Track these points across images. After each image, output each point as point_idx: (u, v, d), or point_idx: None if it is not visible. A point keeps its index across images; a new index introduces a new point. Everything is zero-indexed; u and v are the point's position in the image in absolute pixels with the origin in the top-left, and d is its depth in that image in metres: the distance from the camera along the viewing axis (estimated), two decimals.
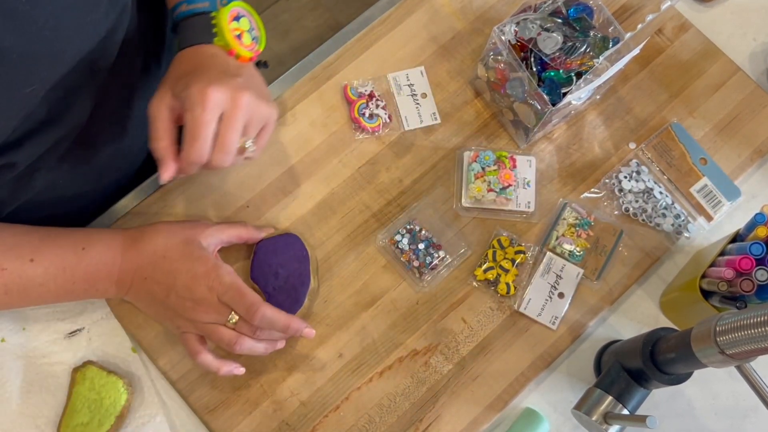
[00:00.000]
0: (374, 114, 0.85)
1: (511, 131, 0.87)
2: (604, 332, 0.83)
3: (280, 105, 0.86)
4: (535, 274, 0.81)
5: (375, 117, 0.85)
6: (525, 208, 0.84)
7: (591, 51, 0.79)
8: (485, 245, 0.83)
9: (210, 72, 0.66)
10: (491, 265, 0.81)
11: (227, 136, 0.64)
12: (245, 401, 0.77)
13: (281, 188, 0.84)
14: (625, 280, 0.83)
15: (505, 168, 0.83)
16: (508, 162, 0.84)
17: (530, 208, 0.84)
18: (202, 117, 0.63)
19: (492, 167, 0.83)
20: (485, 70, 0.84)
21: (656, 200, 0.86)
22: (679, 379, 0.67)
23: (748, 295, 0.72)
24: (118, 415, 0.75)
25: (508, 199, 0.83)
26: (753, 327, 0.56)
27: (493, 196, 0.82)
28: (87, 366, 0.76)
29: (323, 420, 0.77)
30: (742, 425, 0.82)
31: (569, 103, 0.79)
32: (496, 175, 0.83)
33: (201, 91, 0.62)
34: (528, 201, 0.84)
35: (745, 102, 0.91)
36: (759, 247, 0.72)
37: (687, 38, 0.93)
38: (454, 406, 0.78)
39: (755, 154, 0.89)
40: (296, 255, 0.79)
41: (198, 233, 0.74)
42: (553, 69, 0.79)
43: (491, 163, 0.83)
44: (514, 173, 0.83)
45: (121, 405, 0.75)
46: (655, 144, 0.88)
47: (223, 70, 0.67)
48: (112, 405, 0.75)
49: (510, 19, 0.79)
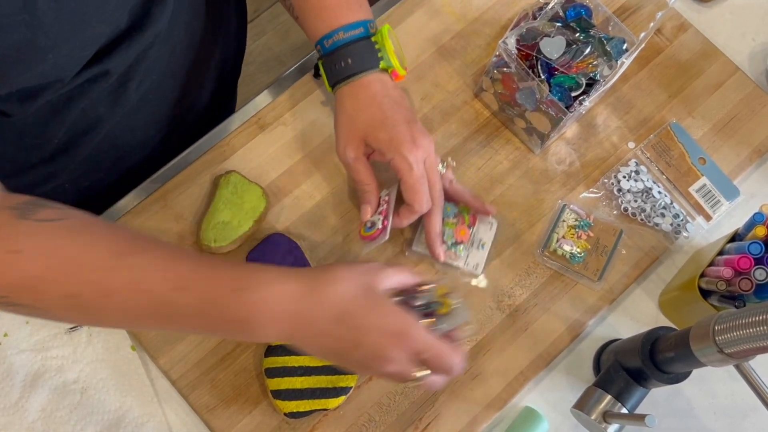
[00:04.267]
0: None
1: (523, 138, 0.87)
2: (603, 331, 0.83)
3: (280, 105, 0.87)
4: None
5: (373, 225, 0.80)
6: (472, 269, 0.81)
7: (595, 51, 0.79)
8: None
9: (398, 125, 0.73)
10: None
11: (436, 185, 0.75)
12: (245, 400, 0.77)
13: (281, 188, 0.84)
14: (624, 280, 0.83)
15: (463, 224, 0.81)
16: (468, 219, 0.82)
17: (477, 271, 0.81)
18: (416, 177, 0.73)
19: (451, 219, 0.81)
20: (491, 83, 0.84)
21: (655, 200, 0.86)
22: (678, 378, 0.68)
23: (747, 295, 0.73)
24: (257, 219, 0.79)
25: (457, 255, 0.81)
26: (751, 326, 0.56)
27: (443, 249, 0.80)
28: (231, 173, 0.81)
29: (323, 419, 0.77)
30: (742, 424, 0.82)
31: (586, 106, 0.79)
32: (452, 228, 0.81)
33: (407, 160, 0.72)
34: (477, 263, 0.81)
35: (744, 102, 0.91)
36: (757, 246, 0.72)
37: (686, 38, 0.93)
38: (453, 405, 0.78)
39: (754, 154, 0.89)
40: (286, 250, 0.79)
41: (377, 278, 0.64)
42: (561, 74, 0.79)
43: (451, 215, 0.81)
44: (470, 231, 0.82)
45: (260, 211, 0.79)
46: (654, 144, 0.88)
47: (404, 117, 0.74)
48: (252, 210, 0.80)
49: (511, 32, 0.80)
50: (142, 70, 0.74)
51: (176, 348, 0.78)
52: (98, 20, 0.62)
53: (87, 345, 0.78)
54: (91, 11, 0.61)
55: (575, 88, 0.79)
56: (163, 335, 0.78)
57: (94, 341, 0.78)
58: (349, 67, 0.75)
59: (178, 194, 0.83)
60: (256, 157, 0.85)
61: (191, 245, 0.81)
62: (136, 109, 0.79)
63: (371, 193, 0.77)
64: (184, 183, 0.83)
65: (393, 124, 0.73)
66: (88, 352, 0.77)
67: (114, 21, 0.65)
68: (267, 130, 0.86)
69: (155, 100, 0.82)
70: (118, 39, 0.68)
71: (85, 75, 0.67)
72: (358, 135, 0.75)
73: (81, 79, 0.67)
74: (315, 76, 0.80)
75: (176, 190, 0.83)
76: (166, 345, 0.78)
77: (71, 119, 0.73)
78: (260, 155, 0.85)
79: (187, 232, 0.81)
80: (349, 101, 0.76)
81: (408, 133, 0.73)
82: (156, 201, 0.82)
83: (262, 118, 0.86)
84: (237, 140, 0.85)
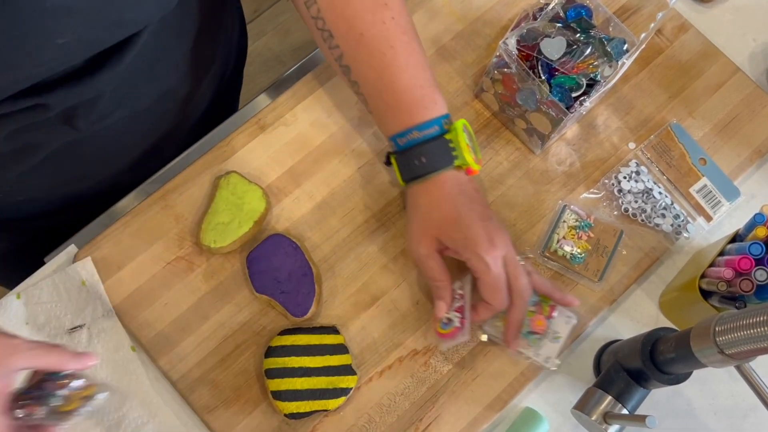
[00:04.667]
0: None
1: (524, 138, 0.87)
2: (604, 332, 0.83)
3: (280, 105, 0.87)
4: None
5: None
6: (542, 361, 0.78)
7: (595, 51, 0.79)
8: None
9: (473, 225, 0.73)
10: None
11: (520, 279, 0.73)
12: (245, 401, 0.77)
13: (281, 188, 0.84)
14: (625, 280, 0.83)
15: (542, 314, 0.79)
16: (547, 310, 0.79)
17: (547, 364, 0.78)
18: (494, 276, 0.72)
19: (530, 308, 0.78)
20: (491, 84, 0.84)
21: (655, 200, 0.86)
22: (679, 378, 0.68)
23: (748, 295, 0.73)
24: (257, 220, 0.79)
25: (529, 345, 0.78)
26: (752, 327, 0.56)
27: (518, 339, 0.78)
28: (231, 173, 0.81)
29: (323, 420, 0.77)
30: (742, 425, 0.82)
31: (587, 107, 0.79)
32: (530, 317, 0.78)
33: (483, 260, 0.71)
34: (548, 356, 0.78)
35: (745, 102, 0.91)
36: (758, 247, 0.72)
37: (686, 39, 0.93)
38: (453, 405, 0.78)
39: (755, 155, 0.89)
40: (287, 251, 0.79)
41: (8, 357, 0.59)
42: (561, 74, 0.79)
43: (530, 304, 0.78)
44: (547, 323, 0.79)
45: (260, 212, 0.79)
46: (654, 144, 0.88)
47: (479, 215, 0.73)
48: (252, 210, 0.80)
49: (512, 33, 0.79)
50: (94, 109, 0.71)
51: (176, 349, 0.78)
52: (33, 65, 0.60)
53: (87, 346, 0.78)
54: (21, 56, 0.58)
55: (576, 89, 0.79)
56: (164, 336, 0.78)
57: (94, 342, 0.78)
58: (423, 166, 0.74)
59: (178, 195, 0.83)
60: (257, 157, 0.85)
61: (191, 246, 0.81)
62: (91, 139, 0.76)
63: (444, 289, 0.76)
64: (184, 184, 0.83)
65: (468, 224, 0.73)
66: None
67: (54, 65, 0.62)
68: (267, 130, 0.86)
69: (114, 134, 0.79)
70: (62, 79, 0.64)
71: (21, 104, 0.64)
72: (432, 233, 0.74)
73: (16, 106, 0.64)
74: (386, 164, 0.79)
75: (176, 190, 0.83)
76: (166, 346, 0.78)
77: (4, 135, 0.69)
78: (260, 156, 0.85)
79: (187, 233, 0.81)
80: (423, 199, 0.75)
81: (483, 232, 0.72)
82: (156, 202, 0.82)
83: (262, 119, 0.86)
84: (237, 141, 0.85)
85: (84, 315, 0.78)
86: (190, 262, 0.81)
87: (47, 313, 0.78)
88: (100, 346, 0.78)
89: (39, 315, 0.78)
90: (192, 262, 0.81)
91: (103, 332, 0.78)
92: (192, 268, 0.80)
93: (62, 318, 0.78)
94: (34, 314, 0.78)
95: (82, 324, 0.78)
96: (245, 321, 0.79)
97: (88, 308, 0.78)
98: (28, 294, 0.78)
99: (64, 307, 0.79)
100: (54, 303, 0.79)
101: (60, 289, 0.79)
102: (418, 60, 0.76)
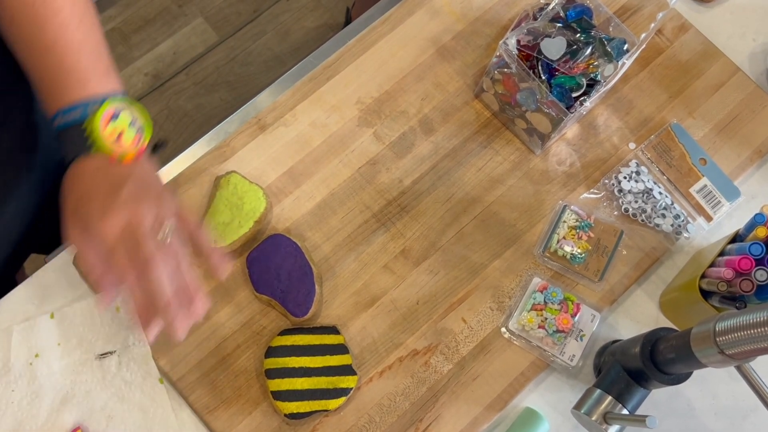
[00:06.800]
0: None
1: (524, 138, 0.87)
2: (604, 332, 0.83)
3: (280, 106, 0.87)
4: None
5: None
6: (567, 360, 0.79)
7: (596, 51, 0.79)
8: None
9: (94, 200, 0.63)
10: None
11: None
12: (245, 401, 0.77)
13: (281, 189, 0.84)
14: (625, 281, 0.83)
15: (567, 312, 0.80)
16: (572, 307, 0.80)
17: (572, 362, 0.79)
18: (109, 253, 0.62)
19: (555, 305, 0.80)
20: (492, 84, 0.84)
21: (656, 200, 0.86)
22: (679, 379, 0.68)
23: (748, 296, 0.73)
24: (257, 220, 0.80)
25: (554, 344, 0.79)
26: (752, 327, 0.56)
27: (542, 334, 0.79)
28: (231, 173, 0.81)
29: (323, 420, 0.77)
30: (742, 425, 0.82)
31: (587, 107, 0.79)
32: (555, 315, 0.80)
33: (94, 234, 0.61)
34: (573, 354, 0.79)
35: (745, 102, 0.91)
36: (758, 247, 0.72)
37: (687, 39, 0.93)
38: (454, 405, 0.78)
39: (755, 155, 0.89)
40: (287, 251, 0.79)
41: None
42: (561, 74, 0.79)
43: (556, 301, 0.80)
44: (573, 321, 0.80)
45: (260, 212, 0.80)
46: (654, 144, 0.88)
47: (106, 190, 0.63)
48: (252, 210, 0.80)
49: (512, 33, 0.79)
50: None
51: (177, 349, 0.78)
52: None
53: (116, 373, 0.77)
54: None
55: (576, 89, 0.79)
56: (164, 336, 0.78)
57: (123, 370, 0.77)
58: (66, 153, 0.67)
59: (178, 195, 0.83)
60: (257, 157, 0.85)
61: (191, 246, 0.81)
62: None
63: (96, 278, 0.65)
64: (184, 184, 0.83)
65: (89, 200, 0.65)
66: (117, 380, 0.77)
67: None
68: (267, 130, 0.86)
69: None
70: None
71: None
72: (70, 222, 0.66)
73: None
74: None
75: (176, 191, 0.83)
76: (166, 346, 0.78)
77: None
78: (260, 156, 0.85)
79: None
80: (66, 181, 0.67)
81: (101, 209, 0.63)
82: None
83: (262, 119, 0.86)
84: (237, 141, 0.85)
85: (115, 342, 0.78)
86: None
87: (79, 336, 0.78)
88: (129, 374, 0.77)
89: (71, 337, 0.78)
90: (192, 262, 0.80)
91: (132, 361, 0.78)
92: None
93: (94, 342, 0.78)
94: (67, 336, 0.78)
95: (113, 350, 0.78)
96: (245, 321, 0.79)
97: (119, 335, 0.78)
98: (62, 314, 0.78)
99: (96, 332, 0.78)
100: (87, 326, 0.78)
101: (94, 313, 0.78)
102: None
